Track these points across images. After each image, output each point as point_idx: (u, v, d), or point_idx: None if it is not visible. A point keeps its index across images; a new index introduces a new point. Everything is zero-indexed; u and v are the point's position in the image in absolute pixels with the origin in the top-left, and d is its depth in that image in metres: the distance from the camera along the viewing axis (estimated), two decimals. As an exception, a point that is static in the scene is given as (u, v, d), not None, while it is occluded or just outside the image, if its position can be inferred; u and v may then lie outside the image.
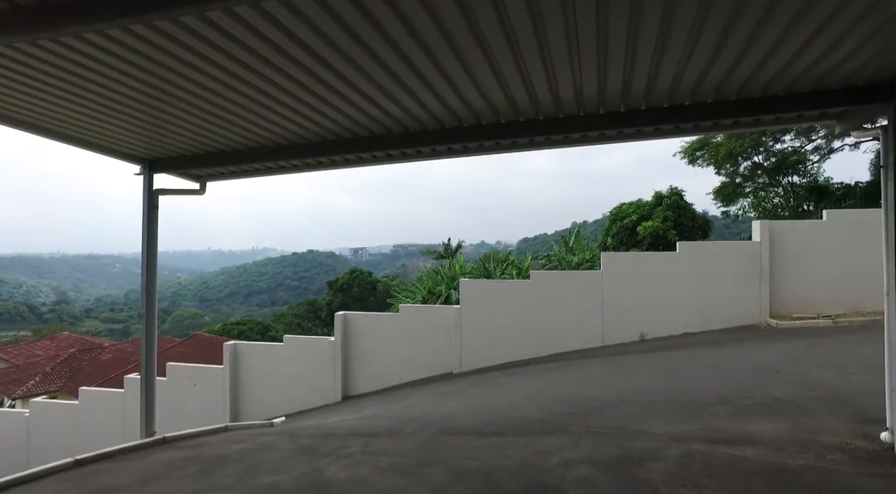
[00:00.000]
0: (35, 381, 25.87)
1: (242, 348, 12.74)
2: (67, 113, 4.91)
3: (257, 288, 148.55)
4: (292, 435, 6.21)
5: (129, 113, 4.95)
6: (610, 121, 5.01)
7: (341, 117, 5.07)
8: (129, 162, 6.01)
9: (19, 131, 5.02)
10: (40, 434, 13.41)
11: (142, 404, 6.03)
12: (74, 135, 5.32)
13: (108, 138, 5.41)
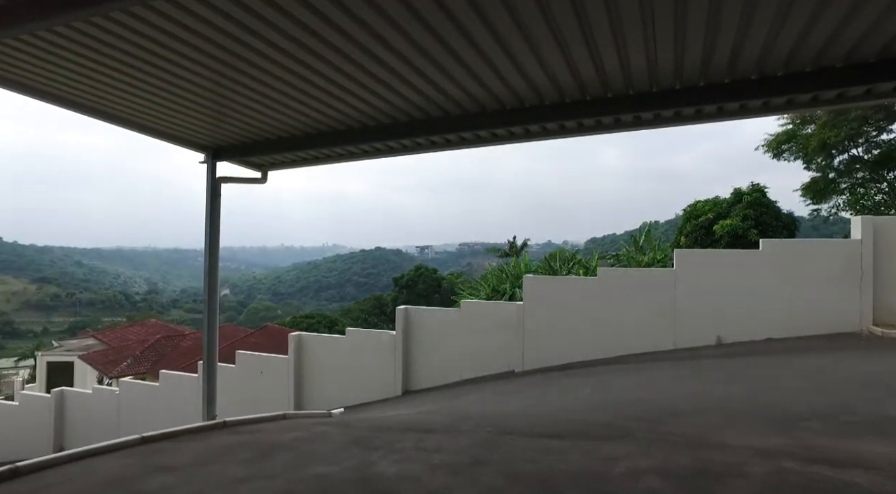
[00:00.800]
0: (127, 363, 27.94)
1: (307, 339, 13.00)
2: (136, 100, 5.05)
3: (326, 284, 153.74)
4: (347, 427, 6.13)
5: (194, 100, 5.03)
6: (688, 97, 4.53)
7: (400, 100, 4.92)
8: (194, 150, 6.15)
9: (91, 119, 5.21)
10: (127, 411, 14.36)
11: (203, 389, 6.16)
12: (143, 123, 5.48)
13: (175, 126, 5.54)
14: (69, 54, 4.25)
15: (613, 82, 4.43)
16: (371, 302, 52.71)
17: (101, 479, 4.24)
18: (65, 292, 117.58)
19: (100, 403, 15.25)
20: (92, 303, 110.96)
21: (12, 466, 4.51)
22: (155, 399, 13.86)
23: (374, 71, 4.36)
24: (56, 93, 4.91)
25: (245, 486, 3.91)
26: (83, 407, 15.61)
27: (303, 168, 6.69)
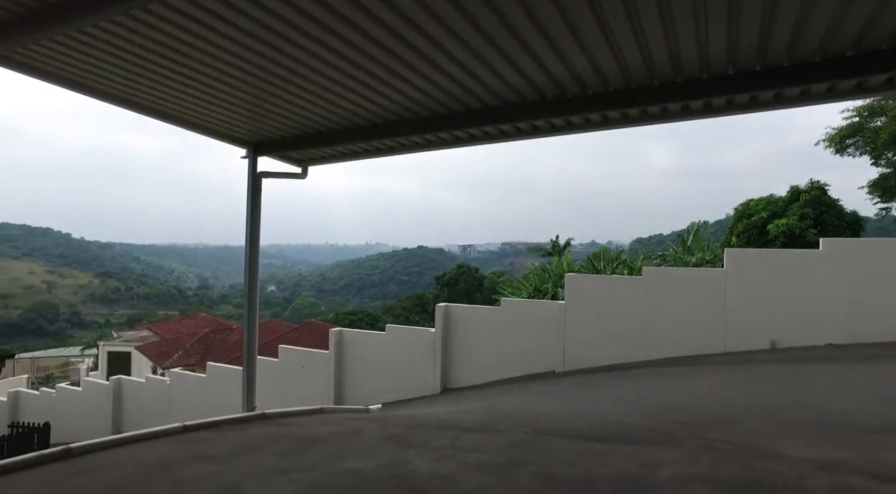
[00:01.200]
0: (178, 355, 29.11)
1: (347, 335, 13.12)
2: (181, 97, 5.16)
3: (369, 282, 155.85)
4: (383, 423, 6.11)
5: (236, 95, 5.10)
6: (742, 83, 4.24)
7: (439, 92, 4.84)
8: (236, 145, 6.25)
9: (150, 121, 5.36)
10: (177, 400, 14.90)
11: (244, 381, 6.26)
12: (188, 119, 5.61)
13: (217, 121, 5.64)
14: (119, 52, 4.38)
15: (661, 68, 4.19)
16: (413, 301, 53.08)
17: (144, 464, 4.35)
18: (124, 286, 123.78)
19: (152, 391, 15.92)
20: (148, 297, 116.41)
21: (65, 447, 4.69)
22: (202, 389, 14.31)
23: (413, 61, 4.30)
24: (107, 90, 5.08)
25: (281, 477, 3.91)
26: (137, 394, 16.33)
27: (341, 163, 6.71)
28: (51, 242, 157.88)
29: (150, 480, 3.92)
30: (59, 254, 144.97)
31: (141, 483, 3.87)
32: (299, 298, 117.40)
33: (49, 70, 4.66)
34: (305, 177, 6.78)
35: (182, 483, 3.82)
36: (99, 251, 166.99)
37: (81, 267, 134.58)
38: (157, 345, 31.99)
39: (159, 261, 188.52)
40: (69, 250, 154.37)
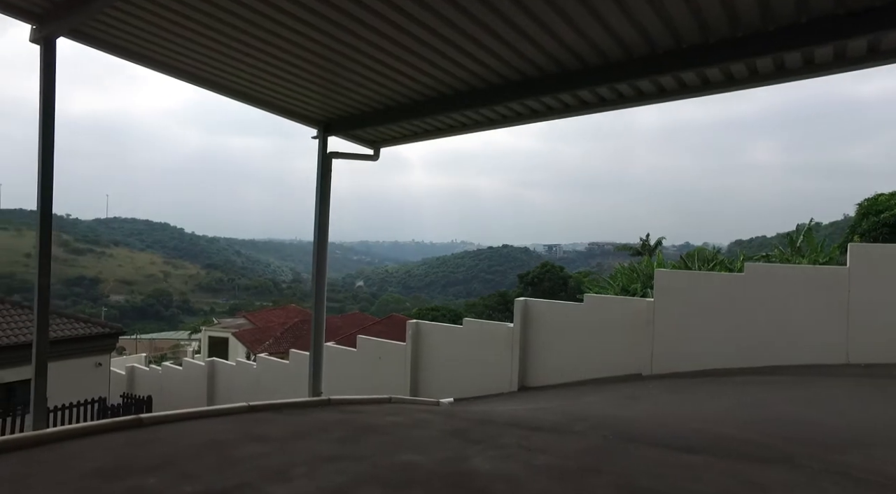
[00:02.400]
0: (269, 342, 30.61)
1: (424, 327, 12.94)
2: (252, 73, 5.10)
3: (454, 280, 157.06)
4: (449, 416, 5.76)
5: (305, 69, 4.97)
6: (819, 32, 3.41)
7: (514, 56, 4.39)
8: (307, 124, 6.16)
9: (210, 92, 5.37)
10: (262, 383, 15.51)
11: (310, 366, 6.17)
12: (259, 96, 5.56)
13: (287, 98, 5.56)
14: (193, 30, 4.38)
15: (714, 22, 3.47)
16: (496, 299, 52.56)
17: (202, 439, 4.29)
18: (227, 277, 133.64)
19: (241, 374, 16.72)
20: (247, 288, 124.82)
21: (137, 417, 4.77)
22: (284, 374, 14.77)
23: (488, 21, 3.91)
24: (183, 68, 5.15)
25: (329, 465, 3.67)
26: (228, 375, 17.22)
27: (414, 143, 6.44)
28: (167, 236, 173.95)
29: (200, 456, 3.82)
30: (174, 247, 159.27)
31: (191, 457, 3.78)
32: (385, 294, 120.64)
33: (134, 50, 4.77)
34: (377, 158, 6.57)
35: (230, 461, 3.68)
36: (206, 245, 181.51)
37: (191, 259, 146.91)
38: (251, 333, 33.92)
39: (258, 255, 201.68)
40: (182, 243, 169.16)
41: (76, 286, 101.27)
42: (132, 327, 69.12)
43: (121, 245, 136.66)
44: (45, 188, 4.21)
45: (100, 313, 59.57)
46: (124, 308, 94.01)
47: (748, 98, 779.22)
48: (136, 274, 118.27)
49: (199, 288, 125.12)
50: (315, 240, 6.32)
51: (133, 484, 3.21)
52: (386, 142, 6.59)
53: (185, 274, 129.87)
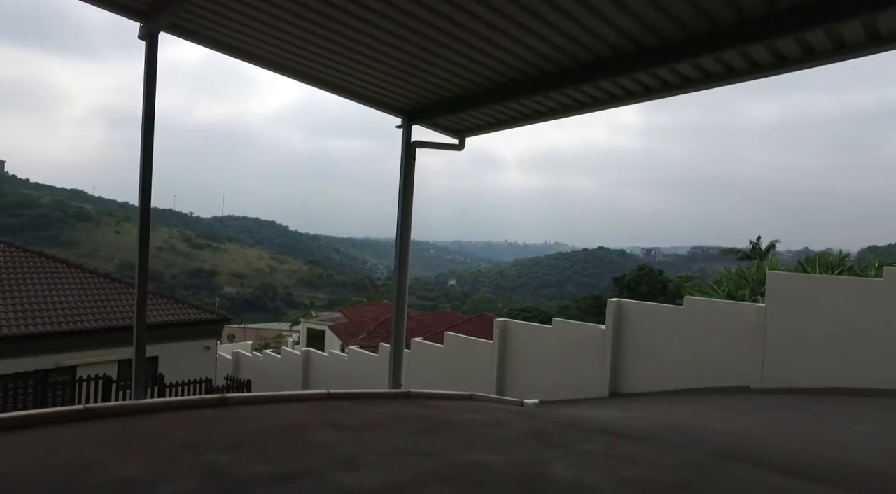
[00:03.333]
0: (362, 336, 31.68)
1: (512, 326, 12.64)
2: (336, 61, 5.12)
3: (547, 281, 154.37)
4: (531, 417, 5.46)
5: (389, 55, 4.91)
6: None
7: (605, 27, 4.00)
8: (391, 113, 6.11)
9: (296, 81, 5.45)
10: (352, 374, 15.99)
11: (390, 358, 6.12)
12: (343, 85, 5.59)
13: (371, 87, 5.54)
14: (281, 20, 4.47)
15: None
16: (589, 301, 50.85)
17: (280, 422, 4.34)
18: (326, 273, 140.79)
19: (333, 365, 17.36)
20: (344, 284, 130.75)
21: (222, 396, 4.95)
22: (373, 367, 15.07)
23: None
24: (272, 58, 5.29)
25: (400, 458, 3.53)
26: (321, 365, 17.96)
27: (501, 131, 6.19)
28: (274, 233, 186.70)
29: (276, 438, 3.84)
30: (280, 244, 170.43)
31: (267, 439, 3.81)
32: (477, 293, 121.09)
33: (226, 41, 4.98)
34: (462, 147, 6.40)
35: (303, 446, 3.66)
36: (308, 242, 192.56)
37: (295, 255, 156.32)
38: (346, 326, 35.33)
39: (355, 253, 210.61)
40: (286, 240, 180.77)
41: (196, 277, 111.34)
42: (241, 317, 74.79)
43: (234, 241, 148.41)
44: (144, 180, 4.47)
45: (214, 302, 64.91)
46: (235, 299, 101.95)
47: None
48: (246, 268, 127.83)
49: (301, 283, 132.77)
50: (398, 229, 6.26)
51: (209, 459, 3.26)
52: (471, 130, 6.40)
53: (289, 270, 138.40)
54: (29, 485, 2.78)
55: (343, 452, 3.58)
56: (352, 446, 3.74)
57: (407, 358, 14.37)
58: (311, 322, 41.64)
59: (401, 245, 6.28)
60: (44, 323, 13.79)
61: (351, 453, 3.56)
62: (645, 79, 4.61)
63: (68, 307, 14.72)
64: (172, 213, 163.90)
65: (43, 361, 12.56)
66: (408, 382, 12.90)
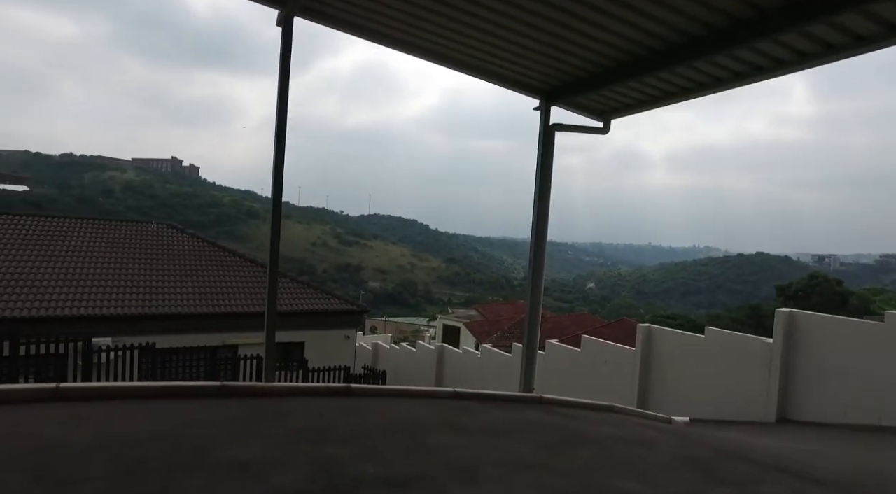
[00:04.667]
0: (497, 335, 31.54)
1: (657, 333, 11.47)
2: (471, 40, 4.81)
3: (694, 288, 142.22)
4: (685, 440, 4.66)
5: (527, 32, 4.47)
6: None
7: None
8: (528, 94, 5.65)
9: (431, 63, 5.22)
10: (485, 372, 15.80)
11: (522, 360, 5.68)
12: (479, 65, 5.26)
13: (509, 64, 5.14)
14: (415, 1, 4.25)
15: None
16: (746, 312, 45.55)
17: (401, 419, 4.11)
18: (464, 271, 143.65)
19: (466, 362, 17.32)
20: (481, 283, 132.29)
21: (347, 386, 4.89)
22: (505, 367, 14.70)
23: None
24: (406, 40, 5.13)
25: (526, 473, 3.07)
26: (455, 361, 18.02)
27: (650, 110, 5.41)
28: (415, 231, 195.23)
29: (394, 435, 3.60)
30: (420, 242, 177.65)
31: (386, 435, 3.57)
32: (617, 298, 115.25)
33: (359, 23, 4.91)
34: (607, 131, 5.73)
35: (421, 448, 3.36)
36: (447, 240, 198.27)
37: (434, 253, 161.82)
38: (481, 325, 35.43)
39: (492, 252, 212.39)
40: (427, 239, 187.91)
41: (344, 272, 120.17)
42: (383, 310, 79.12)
43: (378, 238, 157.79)
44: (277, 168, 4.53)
45: (359, 296, 69.42)
46: (378, 293, 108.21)
47: None
48: (389, 265, 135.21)
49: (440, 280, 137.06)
50: (534, 220, 5.77)
51: (325, 452, 3.09)
52: (617, 111, 5.69)
53: (428, 267, 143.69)
54: (157, 455, 2.81)
55: (462, 459, 3.21)
56: (473, 453, 3.37)
57: (540, 360, 13.76)
58: (447, 318, 42.55)
59: (537, 238, 5.78)
60: (216, 304, 15.55)
61: (471, 461, 3.18)
62: (823, 32, 3.59)
63: (235, 292, 16.44)
64: (326, 212, 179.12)
65: (213, 338, 14.08)
66: (540, 386, 12.31)
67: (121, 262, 15.96)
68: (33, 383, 9.12)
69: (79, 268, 15.02)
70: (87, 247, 16.27)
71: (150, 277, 15.70)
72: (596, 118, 5.81)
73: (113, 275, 15.23)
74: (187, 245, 18.30)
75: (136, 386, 4.23)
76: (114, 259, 16.04)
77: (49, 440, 2.96)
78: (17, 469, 2.50)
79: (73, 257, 15.47)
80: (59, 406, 3.64)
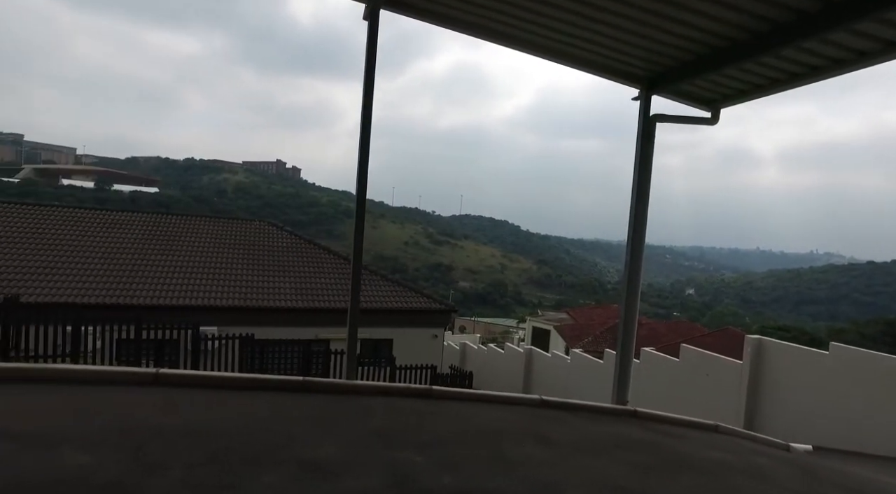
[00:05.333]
0: (588, 339, 30.45)
1: (770, 346, 10.37)
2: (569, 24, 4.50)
3: (811, 297, 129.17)
4: (809, 475, 4.04)
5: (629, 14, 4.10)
6: None
7: None
8: (627, 83, 5.21)
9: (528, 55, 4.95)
10: (574, 378, 15.22)
11: (615, 370, 5.25)
12: (576, 54, 4.92)
13: (607, 51, 4.76)
14: None
15: None
16: (878, 327, 40.51)
17: (483, 427, 3.90)
18: (555, 273, 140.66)
19: (555, 366, 16.78)
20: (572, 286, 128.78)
21: (428, 387, 4.75)
22: (596, 374, 14.04)
23: None
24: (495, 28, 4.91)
25: (619, 500, 2.75)
26: (543, 365, 17.53)
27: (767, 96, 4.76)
28: (506, 232, 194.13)
29: (474, 445, 3.39)
30: (511, 243, 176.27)
31: (465, 444, 3.37)
32: (720, 305, 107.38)
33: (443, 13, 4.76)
34: (715, 121, 5.15)
35: (502, 460, 3.12)
36: (539, 242, 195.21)
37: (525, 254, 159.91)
38: (571, 328, 34.32)
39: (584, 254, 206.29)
40: (517, 240, 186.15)
41: (435, 271, 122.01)
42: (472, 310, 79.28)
43: (469, 238, 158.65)
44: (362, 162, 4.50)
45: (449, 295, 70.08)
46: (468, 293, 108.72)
47: None
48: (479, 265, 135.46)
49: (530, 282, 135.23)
50: (631, 219, 5.31)
51: (400, 457, 2.96)
52: (728, 99, 5.08)
53: (518, 268, 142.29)
54: (237, 447, 2.81)
55: (546, 477, 2.95)
56: (558, 471, 3.09)
57: (634, 369, 12.98)
58: (537, 320, 41.72)
59: (634, 238, 5.32)
60: (310, 300, 16.26)
61: (556, 480, 2.91)
62: None
63: (329, 288, 17.09)
64: (418, 212, 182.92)
65: (306, 332, 14.72)
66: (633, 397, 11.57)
67: (226, 257, 17.17)
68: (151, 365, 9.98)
69: (191, 262, 16.34)
70: (199, 242, 17.69)
71: (251, 272, 16.73)
72: (703, 107, 5.24)
73: (219, 269, 16.41)
74: (285, 242, 19.33)
75: (227, 376, 4.37)
76: (221, 254, 17.29)
77: (148, 422, 3.09)
78: (120, 449, 2.62)
79: (187, 251, 16.86)
80: (157, 390, 3.82)
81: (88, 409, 3.28)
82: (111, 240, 16.52)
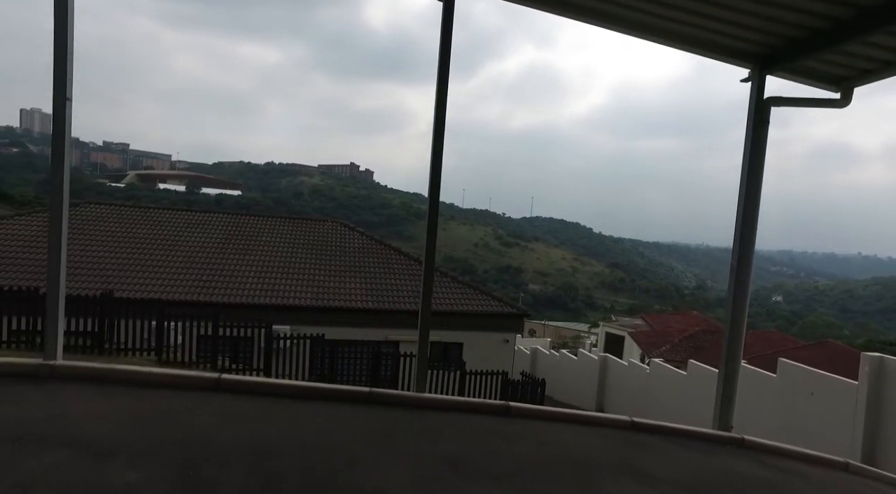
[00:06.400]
0: (666, 348, 28.82)
1: (893, 366, 9.07)
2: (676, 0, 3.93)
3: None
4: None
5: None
6: None
7: None
8: (734, 62, 4.52)
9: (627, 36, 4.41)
10: (653, 390, 14.24)
11: (718, 391, 4.58)
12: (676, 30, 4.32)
13: (712, 23, 4.12)
14: None
15: None
16: None
17: (568, 454, 3.42)
18: (629, 277, 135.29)
19: (632, 376, 15.79)
20: (647, 290, 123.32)
21: (505, 404, 4.31)
22: (679, 386, 13.01)
23: None
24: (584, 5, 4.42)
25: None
26: (619, 374, 16.58)
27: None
28: (578, 234, 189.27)
29: (561, 478, 2.92)
30: (583, 245, 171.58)
31: (551, 477, 2.92)
32: (812, 314, 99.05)
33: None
34: (846, 103, 4.35)
35: (595, 502, 2.65)
36: (611, 245, 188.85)
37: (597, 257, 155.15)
38: (648, 335, 32.62)
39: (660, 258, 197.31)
40: (590, 242, 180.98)
41: (504, 273, 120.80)
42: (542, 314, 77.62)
43: (540, 240, 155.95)
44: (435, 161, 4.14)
45: (518, 298, 69.00)
46: (538, 296, 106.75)
47: None
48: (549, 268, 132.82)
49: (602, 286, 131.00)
50: (738, 216, 4.60)
51: (477, 489, 2.55)
52: (863, 76, 4.27)
53: (590, 271, 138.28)
54: (294, 469, 2.52)
55: (653, 527, 2.44)
56: (666, 519, 2.57)
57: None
58: (610, 326, 40.07)
59: (742, 239, 4.60)
60: (381, 301, 16.22)
61: (665, 532, 2.39)
62: None
63: (399, 290, 16.99)
64: (488, 214, 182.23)
65: (376, 333, 14.66)
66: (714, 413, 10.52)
67: (300, 256, 17.49)
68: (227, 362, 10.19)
69: (266, 261, 16.77)
70: (274, 242, 18.16)
71: (323, 271, 16.94)
72: (830, 88, 4.45)
73: (293, 268, 16.73)
74: (357, 242, 19.47)
75: (287, 384, 4.16)
76: (294, 253, 17.65)
77: (203, 435, 2.87)
78: (169, 465, 2.41)
79: (262, 251, 17.34)
80: (217, 397, 3.63)
81: (147, 415, 3.12)
82: (195, 240, 17.30)
